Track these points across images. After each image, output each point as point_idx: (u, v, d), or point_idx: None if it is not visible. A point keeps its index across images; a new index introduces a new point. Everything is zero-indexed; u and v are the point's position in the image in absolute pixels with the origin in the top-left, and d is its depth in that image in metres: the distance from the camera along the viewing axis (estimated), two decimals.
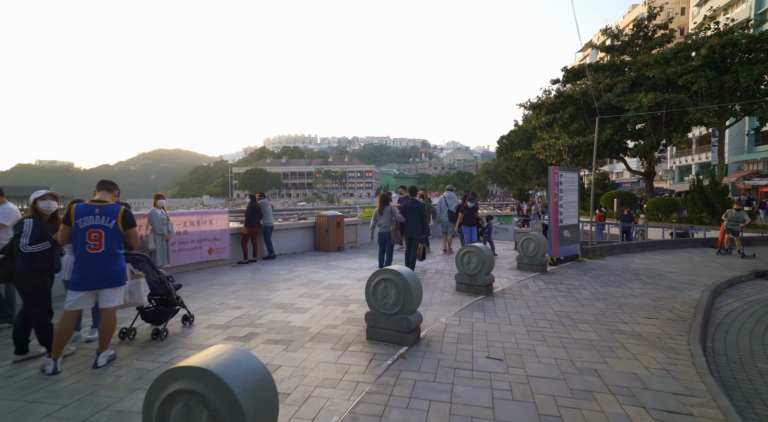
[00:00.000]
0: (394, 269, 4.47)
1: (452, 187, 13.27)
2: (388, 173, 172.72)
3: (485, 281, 6.47)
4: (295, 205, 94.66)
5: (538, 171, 46.40)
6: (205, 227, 9.01)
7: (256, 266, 9.20)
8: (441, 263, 9.75)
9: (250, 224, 9.63)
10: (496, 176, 71.53)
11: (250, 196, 9.89)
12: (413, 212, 7.92)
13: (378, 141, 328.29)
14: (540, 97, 22.19)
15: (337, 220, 11.64)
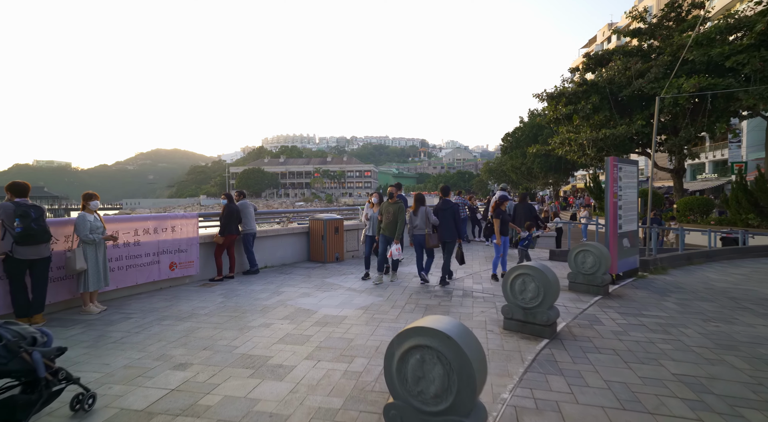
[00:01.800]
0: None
1: (506, 186, 11.48)
2: (387, 172, 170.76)
3: (548, 319, 4.47)
4: (293, 205, 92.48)
5: (546, 169, 44.43)
6: (166, 235, 6.99)
7: (231, 286, 7.19)
8: (469, 279, 7.76)
9: (227, 231, 7.61)
10: (499, 175, 69.64)
11: (226, 196, 7.87)
12: (445, 213, 7.28)
13: (377, 141, 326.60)
14: (557, 86, 20.20)
15: (335, 224, 9.65)
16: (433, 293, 6.67)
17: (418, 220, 7.25)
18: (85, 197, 5.61)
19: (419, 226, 7.25)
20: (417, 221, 7.27)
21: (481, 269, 8.72)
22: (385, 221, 7.33)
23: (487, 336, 4.62)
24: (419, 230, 7.26)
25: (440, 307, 5.84)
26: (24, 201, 4.96)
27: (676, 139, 15.97)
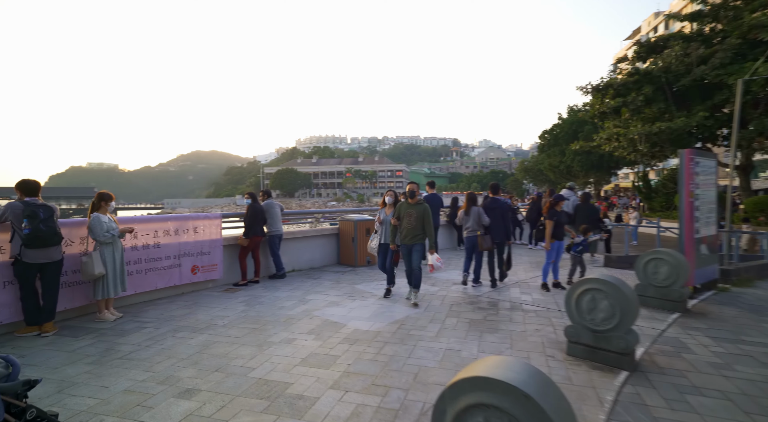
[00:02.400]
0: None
1: (573, 185, 10.60)
2: (419, 172, 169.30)
3: (627, 345, 3.62)
4: (325, 205, 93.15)
5: (587, 167, 42.14)
6: (188, 237, 6.59)
7: (255, 292, 6.69)
8: (516, 288, 6.92)
9: (251, 232, 7.14)
10: (535, 174, 67.09)
11: (250, 195, 7.40)
12: (494, 213, 6.90)
13: (408, 140, 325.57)
14: (604, 78, 18.73)
15: (366, 226, 9.02)
16: (476, 305, 5.90)
17: (471, 221, 6.91)
18: (100, 197, 5.22)
19: (471, 227, 6.89)
20: (469, 221, 6.94)
21: (527, 277, 7.84)
22: (405, 226, 5.84)
23: (548, 363, 3.82)
24: (471, 231, 6.91)
25: (486, 322, 5.07)
26: (34, 200, 4.62)
27: (744, 131, 14.30)
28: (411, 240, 5.84)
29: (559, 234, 6.69)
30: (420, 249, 5.91)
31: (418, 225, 5.80)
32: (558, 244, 6.73)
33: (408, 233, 5.85)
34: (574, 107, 46.87)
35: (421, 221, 5.81)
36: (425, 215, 5.82)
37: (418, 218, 5.81)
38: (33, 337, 4.53)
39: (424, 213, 5.83)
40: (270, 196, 7.91)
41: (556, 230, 6.65)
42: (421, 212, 5.84)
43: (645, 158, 18.34)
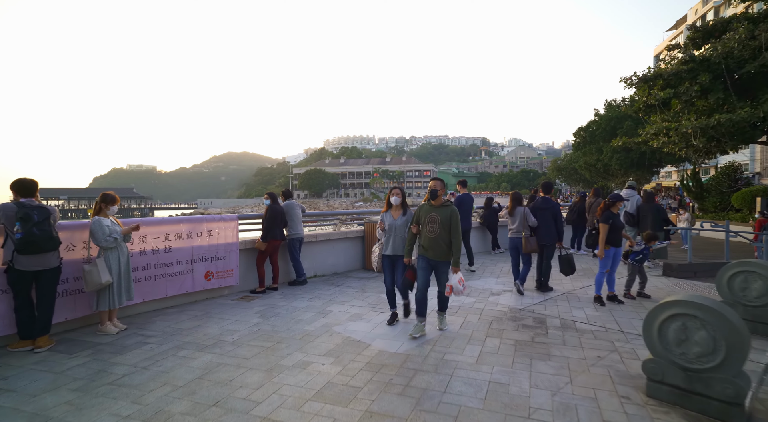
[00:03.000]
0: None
1: (634, 183, 9.70)
2: (447, 171, 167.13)
3: (736, 393, 2.77)
4: (353, 205, 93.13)
5: (626, 166, 39.86)
6: (201, 240, 6.11)
7: (272, 301, 6.14)
8: (563, 301, 6.06)
9: (270, 235, 6.60)
10: (569, 174, 64.53)
11: (269, 195, 6.86)
12: (544, 214, 6.51)
13: (436, 140, 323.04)
14: (651, 68, 17.26)
15: None
16: (520, 321, 5.10)
17: (516, 222, 6.60)
18: (103, 199, 4.77)
19: (516, 228, 6.61)
20: (514, 222, 6.63)
21: (575, 288, 6.94)
22: (426, 234, 4.55)
23: (624, 408, 3.01)
24: (516, 232, 6.62)
25: (535, 345, 4.28)
26: (29, 201, 4.20)
27: None
28: (434, 255, 4.53)
29: (615, 240, 5.79)
30: (447, 269, 4.60)
31: (444, 234, 4.49)
32: (614, 251, 5.83)
33: (430, 244, 4.52)
34: (612, 102, 44.60)
35: (447, 228, 4.49)
36: (453, 222, 4.48)
37: (443, 226, 4.48)
38: (25, 353, 4.10)
39: (450, 219, 4.49)
40: (290, 196, 7.36)
41: (612, 235, 5.76)
42: (446, 216, 4.49)
43: (699, 155, 16.74)
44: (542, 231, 6.47)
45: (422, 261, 4.62)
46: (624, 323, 4.98)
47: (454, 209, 4.56)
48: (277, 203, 6.82)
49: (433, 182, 4.69)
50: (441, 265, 4.55)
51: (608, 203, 5.86)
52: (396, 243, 4.89)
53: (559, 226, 6.48)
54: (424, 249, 4.60)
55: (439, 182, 4.69)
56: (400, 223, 4.90)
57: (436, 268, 4.58)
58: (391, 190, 5.25)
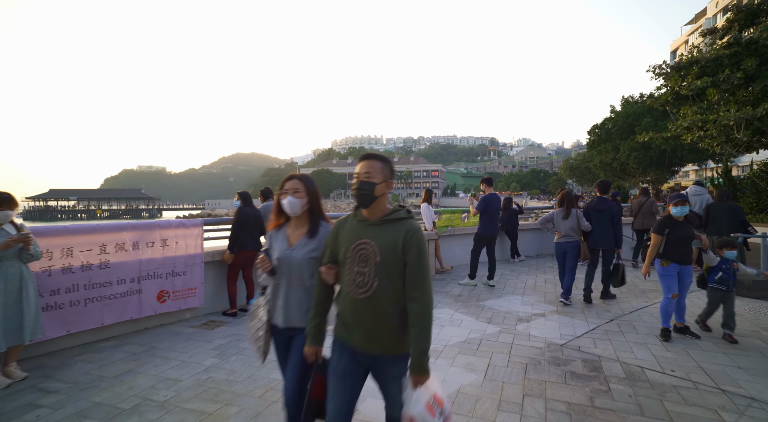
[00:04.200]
0: None
1: (701, 180, 8.40)
2: (456, 172, 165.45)
3: None
4: None
5: (645, 164, 38.04)
6: (153, 252, 4.84)
7: (242, 328, 4.85)
8: (617, 335, 4.67)
9: (239, 245, 5.31)
10: (582, 173, 62.64)
11: (240, 196, 5.56)
12: (600, 216, 5.93)
13: (444, 140, 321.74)
14: (684, 55, 15.72)
15: None
16: (566, 365, 3.73)
17: (567, 225, 5.94)
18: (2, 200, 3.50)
19: (566, 232, 5.97)
20: (565, 225, 5.96)
21: (624, 311, 5.53)
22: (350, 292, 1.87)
23: None
24: (567, 237, 5.98)
25: (598, 413, 2.92)
26: None
27: None
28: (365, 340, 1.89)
29: (678, 254, 4.38)
30: (400, 375, 1.89)
31: (387, 288, 1.83)
32: (678, 269, 4.42)
33: (356, 314, 1.89)
34: (629, 98, 42.81)
35: (393, 274, 1.84)
36: (411, 257, 1.83)
37: (385, 268, 1.83)
38: None
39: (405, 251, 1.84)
40: (271, 197, 6.07)
41: (674, 249, 4.36)
42: (393, 246, 1.84)
43: (738, 150, 15.13)
44: (598, 235, 5.93)
45: (340, 354, 1.96)
46: (716, 373, 3.59)
47: (415, 229, 1.88)
48: (250, 205, 5.52)
49: (364, 163, 1.94)
50: (384, 365, 1.93)
51: (674, 203, 4.45)
52: (292, 302, 2.18)
53: (617, 230, 5.90)
54: (343, 326, 1.97)
55: (377, 162, 1.93)
56: (301, 256, 2.15)
57: (375, 371, 1.97)
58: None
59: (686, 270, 4.47)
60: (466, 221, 9.31)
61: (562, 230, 5.99)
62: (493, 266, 7.14)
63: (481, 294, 6.47)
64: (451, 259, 8.94)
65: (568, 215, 5.93)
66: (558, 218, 6.03)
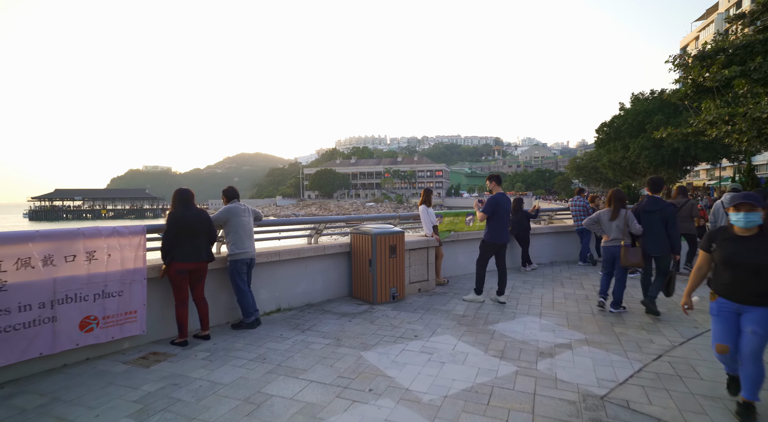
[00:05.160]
0: None
1: (738, 185, 7.50)
2: (460, 171, 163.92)
3: None
4: (363, 206, 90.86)
5: (656, 163, 36.72)
6: (74, 267, 3.80)
7: (185, 366, 3.80)
8: (676, 376, 3.59)
9: (171, 257, 4.23)
10: (589, 173, 61.22)
11: (178, 194, 4.45)
12: (651, 217, 5.21)
13: (448, 140, 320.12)
14: (709, 43, 14.52)
15: (390, 241, 5.94)
16: None
17: (615, 226, 5.37)
18: None
19: (615, 235, 5.39)
20: (612, 227, 5.40)
21: (672, 343, 4.42)
22: None
23: None
24: (615, 240, 5.40)
25: None
26: None
27: None
28: None
29: (738, 287, 3.01)
30: None
31: None
32: (741, 310, 3.16)
33: None
34: (639, 95, 41.50)
35: None
36: None
37: None
38: None
39: None
40: (235, 197, 5.00)
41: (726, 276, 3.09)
42: None
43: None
44: (649, 239, 5.31)
45: None
46: None
47: None
48: (188, 206, 4.40)
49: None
50: None
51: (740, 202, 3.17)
52: None
53: (673, 233, 5.23)
54: None
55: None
56: None
57: None
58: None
59: (754, 315, 2.84)
60: (471, 225, 8.24)
61: (610, 233, 5.44)
62: (503, 279, 6.05)
63: (490, 314, 5.40)
64: (454, 268, 7.87)
65: (617, 215, 5.35)
66: (605, 219, 5.48)
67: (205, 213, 4.44)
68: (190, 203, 4.40)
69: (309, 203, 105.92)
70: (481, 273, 6.06)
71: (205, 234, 4.38)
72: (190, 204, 4.38)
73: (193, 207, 4.40)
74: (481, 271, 6.05)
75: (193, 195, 4.52)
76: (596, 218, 5.60)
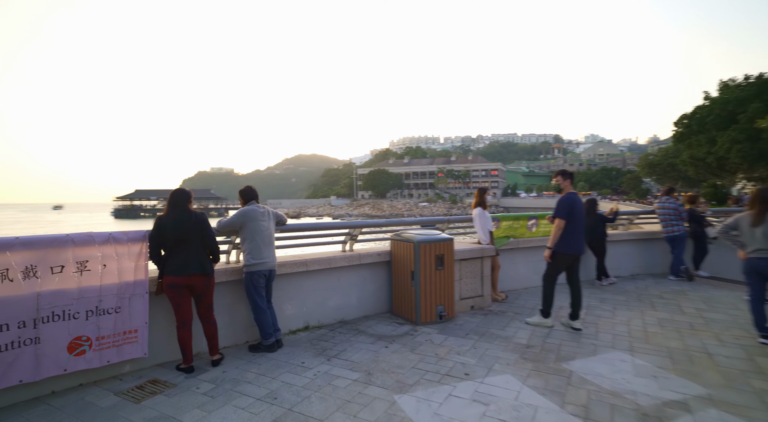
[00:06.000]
0: None
1: None
2: (516, 171, 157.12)
3: None
4: (416, 206, 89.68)
5: (751, 159, 32.06)
6: (63, 281, 3.27)
7: (180, 404, 3.13)
8: None
9: (167, 269, 3.61)
10: (663, 171, 55.54)
11: (170, 196, 3.72)
12: None
13: (504, 138, 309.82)
14: None
15: (437, 250, 4.98)
16: None
17: (759, 234, 4.24)
18: None
19: (761, 245, 4.23)
20: (756, 235, 4.26)
21: None
22: None
23: None
24: (760, 252, 4.24)
25: None
26: None
27: None
28: None
29: None
30: None
31: None
32: None
33: None
34: (729, 81, 36.72)
35: None
36: None
37: None
38: None
39: None
40: (254, 198, 4.31)
41: None
42: None
43: None
44: None
45: None
46: None
47: None
48: (183, 208, 3.71)
49: None
50: None
51: None
52: None
53: None
54: None
55: None
56: None
57: None
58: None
59: None
60: (534, 231, 7.04)
61: (753, 243, 4.37)
62: (577, 298, 4.87)
63: (562, 346, 4.27)
64: (513, 281, 6.74)
65: (761, 220, 4.26)
66: (745, 225, 4.43)
67: (200, 216, 3.76)
68: (184, 205, 3.73)
69: (362, 202, 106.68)
70: (550, 291, 4.92)
71: (197, 242, 3.70)
72: (182, 206, 3.72)
73: (187, 210, 3.73)
74: (550, 289, 4.92)
75: (190, 196, 3.84)
76: (733, 225, 4.53)
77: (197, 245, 3.68)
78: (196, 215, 3.75)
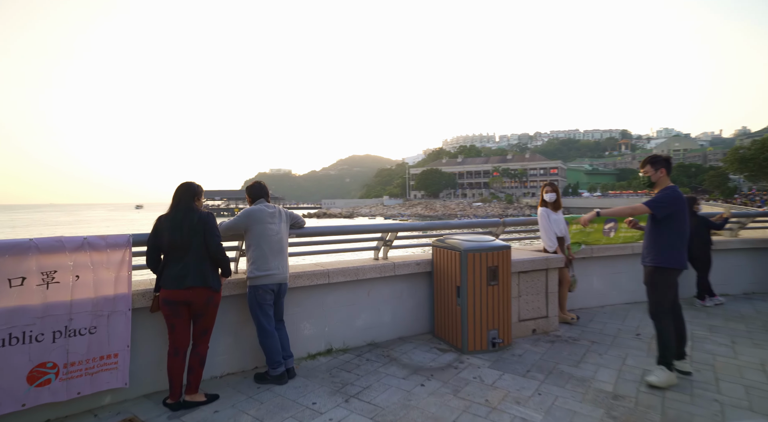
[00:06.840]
0: None
1: None
2: (578, 169, 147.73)
3: None
4: (470, 206, 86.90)
5: None
6: (22, 296, 2.70)
7: None
8: None
9: (157, 280, 2.98)
10: (759, 166, 48.95)
11: (175, 192, 3.03)
12: None
13: (564, 135, 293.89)
14: None
15: (489, 259, 3.94)
16: None
17: None
18: None
19: None
20: None
21: None
22: None
23: None
24: None
25: None
26: None
27: None
28: None
29: None
30: None
31: None
32: None
33: None
34: None
35: None
36: None
37: None
38: None
39: None
40: (264, 195, 3.57)
41: None
42: None
43: None
44: None
45: None
46: None
47: None
48: (186, 207, 3.02)
49: None
50: None
51: None
52: None
53: None
54: None
55: None
56: None
57: None
58: None
59: None
60: (611, 236, 5.72)
61: None
62: (681, 328, 3.59)
63: (668, 398, 3.07)
64: (586, 298, 5.50)
65: None
66: None
67: (204, 216, 3.04)
68: (188, 203, 3.03)
69: (414, 202, 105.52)
70: (667, 330, 3.42)
71: (198, 248, 2.97)
72: (185, 204, 3.02)
73: (191, 209, 3.02)
74: (667, 326, 3.43)
75: (197, 192, 3.15)
76: None
77: (199, 252, 2.97)
78: (200, 215, 3.05)
